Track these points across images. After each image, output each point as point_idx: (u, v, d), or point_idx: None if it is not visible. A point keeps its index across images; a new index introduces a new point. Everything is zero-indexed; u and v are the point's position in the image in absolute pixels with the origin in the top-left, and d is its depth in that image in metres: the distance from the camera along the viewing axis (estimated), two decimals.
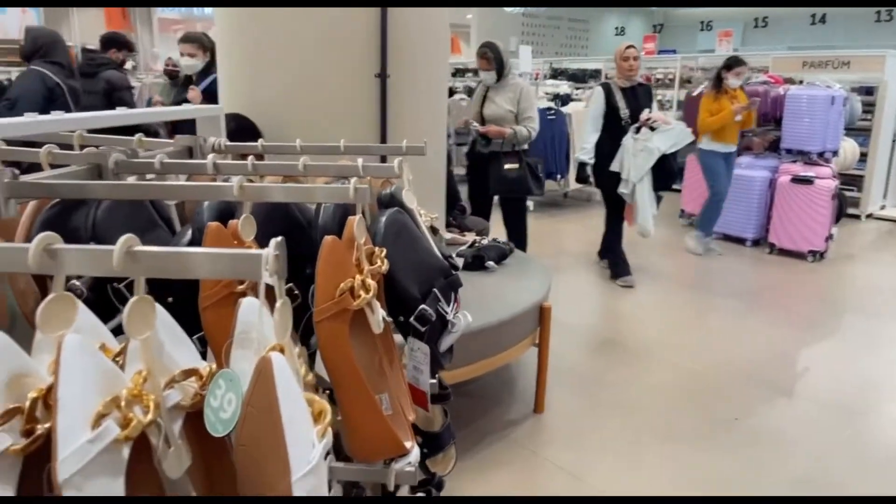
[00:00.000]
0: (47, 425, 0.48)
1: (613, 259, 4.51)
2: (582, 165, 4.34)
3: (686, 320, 3.93)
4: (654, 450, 2.54)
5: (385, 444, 0.82)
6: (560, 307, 3.66)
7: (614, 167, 4.15)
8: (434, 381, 1.23)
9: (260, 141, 1.29)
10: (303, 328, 0.92)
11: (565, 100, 7.07)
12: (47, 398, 0.49)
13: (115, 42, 4.42)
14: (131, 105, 4.25)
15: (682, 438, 2.63)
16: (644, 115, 4.11)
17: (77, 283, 0.90)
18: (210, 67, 3.69)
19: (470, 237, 3.33)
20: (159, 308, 0.58)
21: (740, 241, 5.46)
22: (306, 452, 0.51)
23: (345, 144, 1.27)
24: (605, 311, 4.16)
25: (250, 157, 1.03)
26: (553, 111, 6.34)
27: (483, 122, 3.93)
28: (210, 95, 3.60)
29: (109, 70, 4.17)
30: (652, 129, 4.06)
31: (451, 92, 7.09)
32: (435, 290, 1.02)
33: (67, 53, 3.74)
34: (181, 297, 0.91)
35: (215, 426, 0.53)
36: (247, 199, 0.84)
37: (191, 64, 3.68)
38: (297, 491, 0.49)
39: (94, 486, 0.47)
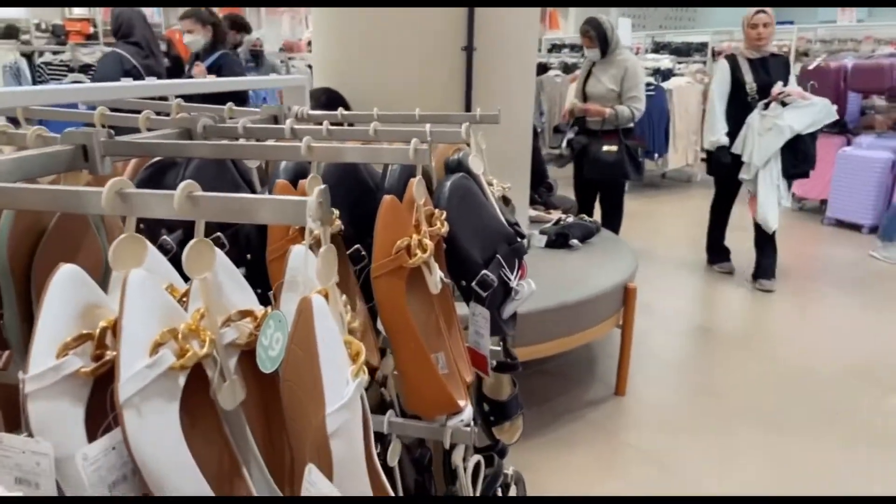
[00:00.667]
0: (115, 352, 0.53)
1: (711, 244, 4.23)
2: (720, 150, 3.76)
3: (789, 311, 3.69)
4: (742, 440, 2.43)
5: (438, 401, 0.84)
6: (649, 290, 3.55)
7: (736, 149, 3.68)
8: (498, 348, 1.24)
9: (339, 109, 1.33)
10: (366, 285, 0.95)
11: (666, 75, 6.76)
12: (116, 329, 0.54)
13: (234, 24, 4.56)
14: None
15: (774, 430, 2.49)
16: (776, 88, 3.60)
17: (168, 238, 0.97)
18: (216, 45, 3.61)
19: (555, 215, 3.28)
20: (220, 253, 0.62)
21: (856, 227, 5.05)
22: (340, 388, 0.53)
23: (420, 113, 1.29)
24: (700, 298, 3.98)
25: (325, 122, 1.07)
26: (653, 87, 6.08)
27: (585, 99, 3.82)
28: (216, 71, 3.53)
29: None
30: (784, 104, 3.55)
31: (546, 68, 6.95)
32: (498, 255, 1.02)
33: (148, 32, 3.74)
34: (258, 257, 0.97)
35: (265, 363, 0.57)
36: (315, 158, 0.87)
37: (191, 40, 3.57)
38: (331, 424, 0.52)
39: (151, 408, 0.52)
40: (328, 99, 2.41)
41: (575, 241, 2.92)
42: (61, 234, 0.83)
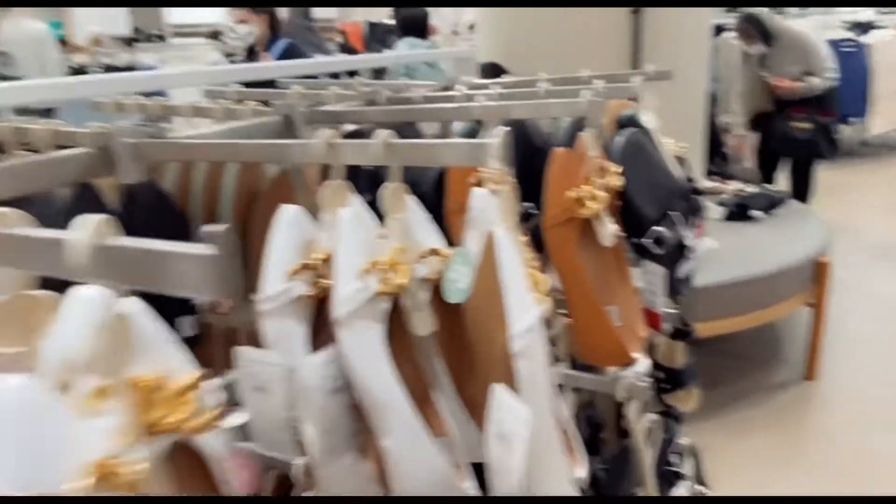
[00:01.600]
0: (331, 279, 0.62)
1: None
2: None
3: None
4: None
5: (610, 350, 0.85)
6: (845, 267, 3.20)
7: None
8: (674, 311, 1.21)
9: (506, 77, 1.36)
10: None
11: (866, 28, 5.95)
12: (331, 258, 0.63)
13: None
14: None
15: None
16: None
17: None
18: (276, 33, 3.35)
19: (734, 186, 3.06)
20: (413, 198, 0.68)
21: None
22: (523, 313, 0.57)
23: (588, 74, 1.28)
24: None
25: (494, 87, 1.11)
26: (851, 43, 5.40)
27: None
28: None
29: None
30: None
31: (721, 30, 6.43)
32: (673, 212, 0.99)
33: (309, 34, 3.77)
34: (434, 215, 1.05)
35: (453, 294, 0.62)
36: (488, 117, 0.92)
37: (245, 31, 3.31)
38: (515, 345, 0.56)
39: (361, 326, 0.59)
40: (495, 72, 2.47)
41: (757, 212, 2.71)
42: (275, 194, 0.95)
